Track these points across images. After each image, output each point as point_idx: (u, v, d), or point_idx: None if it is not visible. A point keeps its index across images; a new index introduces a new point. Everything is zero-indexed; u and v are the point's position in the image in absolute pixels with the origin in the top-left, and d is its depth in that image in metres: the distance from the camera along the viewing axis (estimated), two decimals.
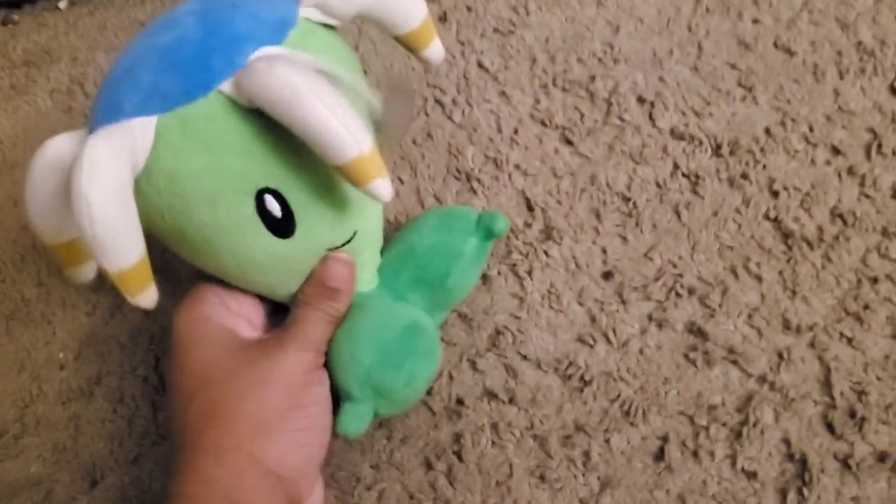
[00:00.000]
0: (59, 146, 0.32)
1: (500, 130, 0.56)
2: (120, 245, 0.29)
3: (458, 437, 0.42)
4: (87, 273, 0.36)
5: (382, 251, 0.42)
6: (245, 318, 0.38)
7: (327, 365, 0.38)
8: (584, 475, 0.40)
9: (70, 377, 0.47)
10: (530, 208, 0.51)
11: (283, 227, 0.35)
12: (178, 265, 0.38)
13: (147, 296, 0.32)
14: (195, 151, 0.32)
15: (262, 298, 0.40)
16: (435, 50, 0.40)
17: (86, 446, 0.44)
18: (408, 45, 0.40)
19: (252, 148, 0.32)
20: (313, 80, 0.30)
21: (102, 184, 0.28)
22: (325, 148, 0.30)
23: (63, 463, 0.44)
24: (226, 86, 0.31)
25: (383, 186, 0.31)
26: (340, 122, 0.30)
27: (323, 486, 0.37)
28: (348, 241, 0.38)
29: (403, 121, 0.49)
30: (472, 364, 0.45)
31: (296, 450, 0.34)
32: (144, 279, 0.31)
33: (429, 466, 0.41)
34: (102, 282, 0.51)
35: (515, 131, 0.55)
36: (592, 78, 0.58)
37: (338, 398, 0.38)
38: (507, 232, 0.43)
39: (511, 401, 0.43)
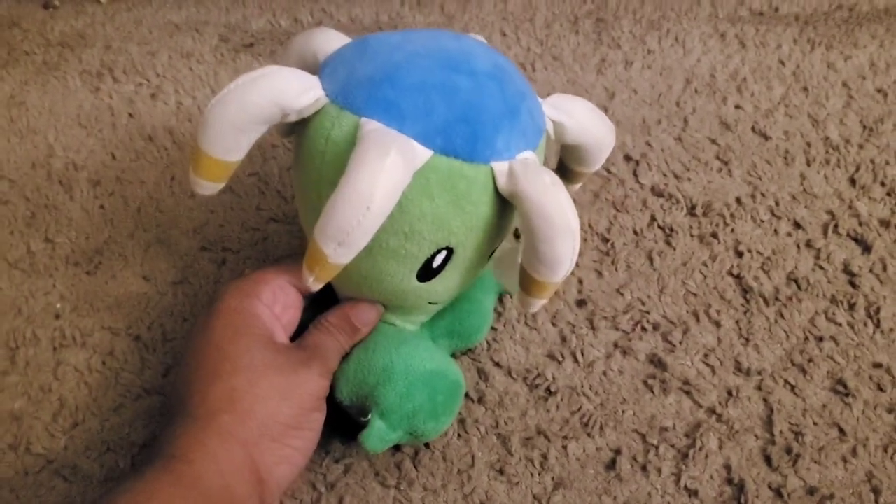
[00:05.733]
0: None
1: None
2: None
3: None
4: (214, 188, 0.36)
5: None
6: (282, 325, 0.40)
7: (369, 375, 0.40)
8: (539, 474, 0.42)
9: (64, 326, 0.49)
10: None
11: (429, 276, 0.38)
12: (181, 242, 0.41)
13: None
14: (438, 198, 0.34)
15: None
16: (577, 188, 0.47)
17: (71, 391, 0.46)
18: (569, 177, 0.46)
19: (476, 222, 0.36)
20: (574, 211, 0.34)
21: (387, 198, 0.30)
22: (547, 267, 0.34)
23: (46, 403, 0.45)
24: (496, 164, 0.35)
25: (538, 307, 0.38)
26: (573, 256, 0.34)
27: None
28: (441, 304, 0.42)
29: None
30: None
31: (283, 463, 0.37)
32: None
33: (396, 448, 0.43)
34: (105, 244, 0.54)
35: None
36: None
37: (338, 408, 0.41)
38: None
39: (480, 401, 0.46)
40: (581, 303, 0.51)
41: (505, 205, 0.36)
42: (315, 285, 0.33)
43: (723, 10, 0.84)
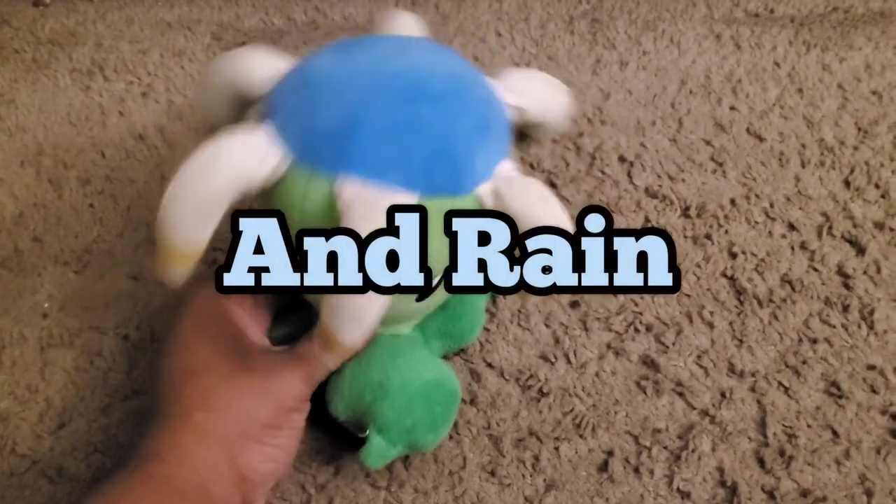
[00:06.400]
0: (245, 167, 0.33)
1: None
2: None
3: None
4: (187, 272, 0.35)
5: None
6: (255, 322, 0.40)
7: (365, 391, 0.39)
8: (531, 476, 0.42)
9: (52, 325, 0.49)
10: None
11: (427, 295, 0.37)
12: None
13: None
14: (432, 236, 0.33)
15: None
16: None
17: (58, 391, 0.45)
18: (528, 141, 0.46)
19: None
20: (569, 221, 0.34)
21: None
22: None
23: (33, 403, 0.45)
24: (480, 189, 0.34)
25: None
26: None
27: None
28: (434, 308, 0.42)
29: None
30: None
31: (264, 462, 0.36)
32: None
33: None
34: (94, 243, 0.53)
35: None
36: (580, 134, 0.64)
37: (331, 421, 0.40)
38: None
39: (472, 402, 0.45)
40: (574, 304, 0.51)
41: None
42: (333, 363, 0.37)
43: (718, 11, 0.83)
